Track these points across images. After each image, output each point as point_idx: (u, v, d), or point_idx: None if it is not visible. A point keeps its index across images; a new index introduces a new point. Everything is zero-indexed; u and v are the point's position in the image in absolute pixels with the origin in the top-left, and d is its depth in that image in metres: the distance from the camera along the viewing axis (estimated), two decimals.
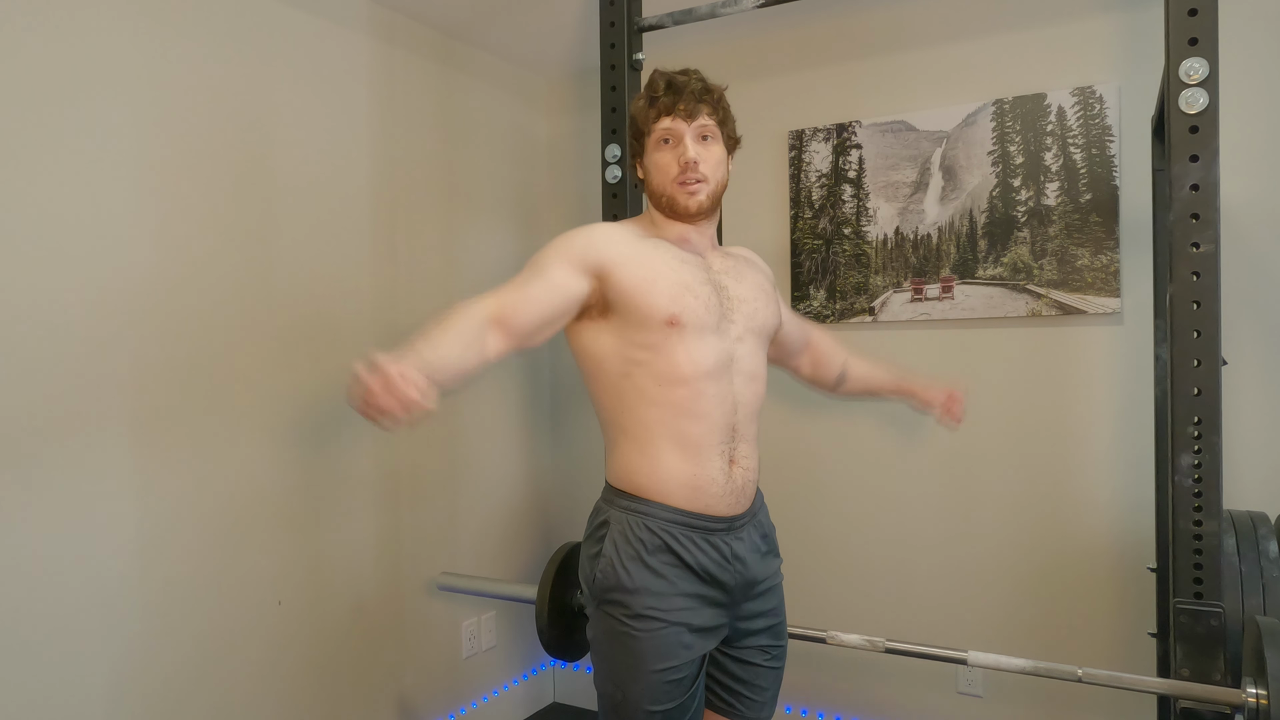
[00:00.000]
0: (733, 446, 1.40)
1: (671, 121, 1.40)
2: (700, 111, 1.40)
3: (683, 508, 1.36)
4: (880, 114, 2.40)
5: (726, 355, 1.40)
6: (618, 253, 1.37)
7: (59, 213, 1.62)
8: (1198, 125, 1.42)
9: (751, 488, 1.44)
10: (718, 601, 1.38)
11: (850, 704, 2.48)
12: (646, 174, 1.45)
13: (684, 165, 1.38)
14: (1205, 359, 1.42)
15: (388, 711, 2.29)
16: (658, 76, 1.43)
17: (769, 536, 1.50)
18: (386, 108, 2.32)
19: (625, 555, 1.34)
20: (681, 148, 1.39)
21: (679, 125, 1.40)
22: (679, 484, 1.36)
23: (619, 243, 1.39)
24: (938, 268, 2.32)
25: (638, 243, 1.40)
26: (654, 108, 1.41)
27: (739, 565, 1.39)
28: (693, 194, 1.40)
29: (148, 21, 1.76)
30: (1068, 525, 2.19)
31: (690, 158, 1.38)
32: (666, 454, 1.36)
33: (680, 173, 1.39)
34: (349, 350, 2.20)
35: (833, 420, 2.49)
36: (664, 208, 1.43)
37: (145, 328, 1.75)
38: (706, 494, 1.37)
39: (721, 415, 1.38)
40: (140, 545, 1.73)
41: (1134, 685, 1.54)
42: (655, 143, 1.42)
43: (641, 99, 1.45)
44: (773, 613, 1.48)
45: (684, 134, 1.39)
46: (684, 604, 1.34)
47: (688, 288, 1.36)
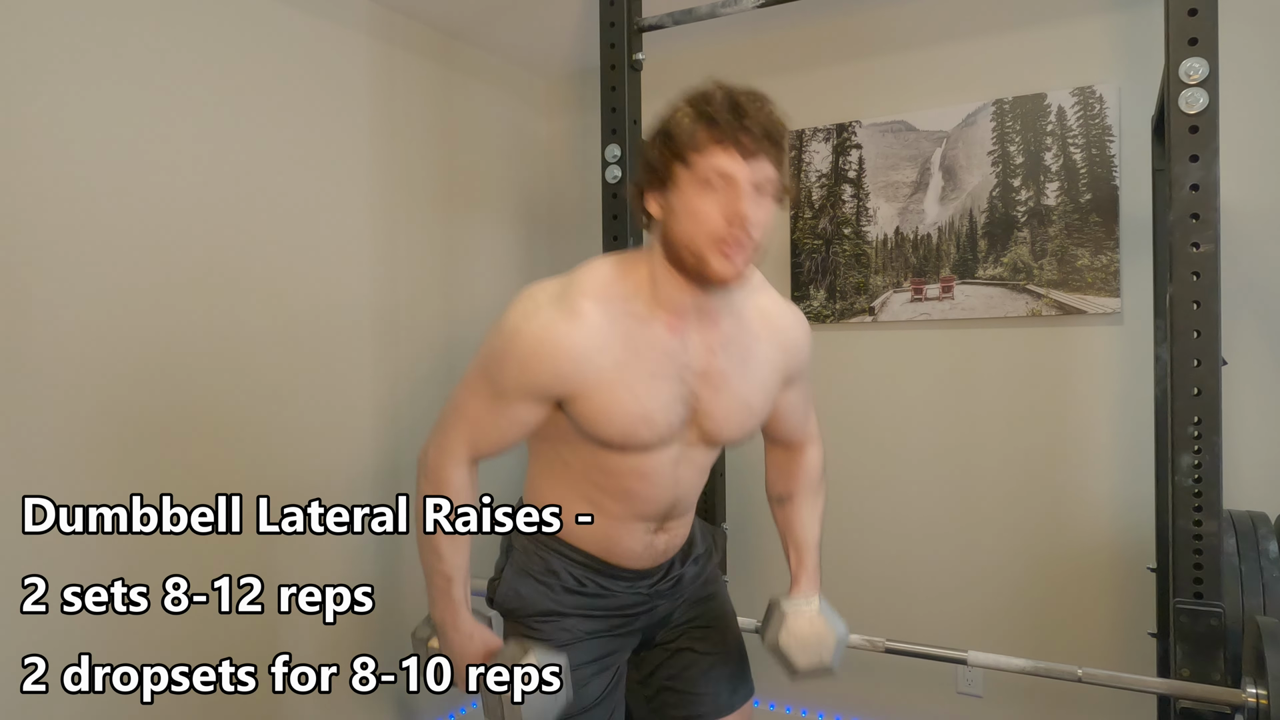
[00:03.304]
0: (663, 523, 1.30)
1: (728, 159, 1.07)
2: (764, 153, 1.09)
3: (590, 553, 1.29)
4: (880, 114, 2.40)
5: (672, 461, 1.24)
6: (581, 380, 1.13)
7: (60, 211, 1.62)
8: (1198, 125, 1.42)
9: (679, 541, 1.35)
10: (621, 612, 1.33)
11: (850, 704, 2.48)
12: (670, 216, 1.12)
13: (733, 221, 1.07)
14: (1205, 359, 1.42)
15: (388, 711, 2.29)
16: (717, 91, 1.11)
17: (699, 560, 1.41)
18: (386, 108, 2.32)
19: (523, 577, 1.30)
20: (733, 196, 1.07)
21: (736, 167, 1.07)
22: (589, 541, 1.29)
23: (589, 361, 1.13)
24: (938, 268, 2.32)
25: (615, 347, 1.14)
26: (710, 131, 1.07)
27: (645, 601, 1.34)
28: (730, 260, 1.09)
29: (148, 21, 1.76)
30: (1068, 525, 2.19)
31: (745, 213, 1.06)
32: (581, 511, 1.27)
33: (726, 230, 1.07)
34: (349, 350, 2.20)
35: (832, 420, 2.49)
36: (685, 267, 1.12)
37: (145, 327, 1.75)
38: (616, 553, 1.29)
39: (653, 508, 1.26)
40: (140, 541, 1.74)
41: (1134, 685, 1.54)
42: (698, 181, 1.08)
43: (687, 113, 1.10)
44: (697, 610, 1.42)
45: (740, 180, 1.07)
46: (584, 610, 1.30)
47: (645, 419, 1.16)
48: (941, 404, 2.34)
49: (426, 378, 2.43)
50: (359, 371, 2.23)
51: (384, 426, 2.30)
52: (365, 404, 2.25)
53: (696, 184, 1.08)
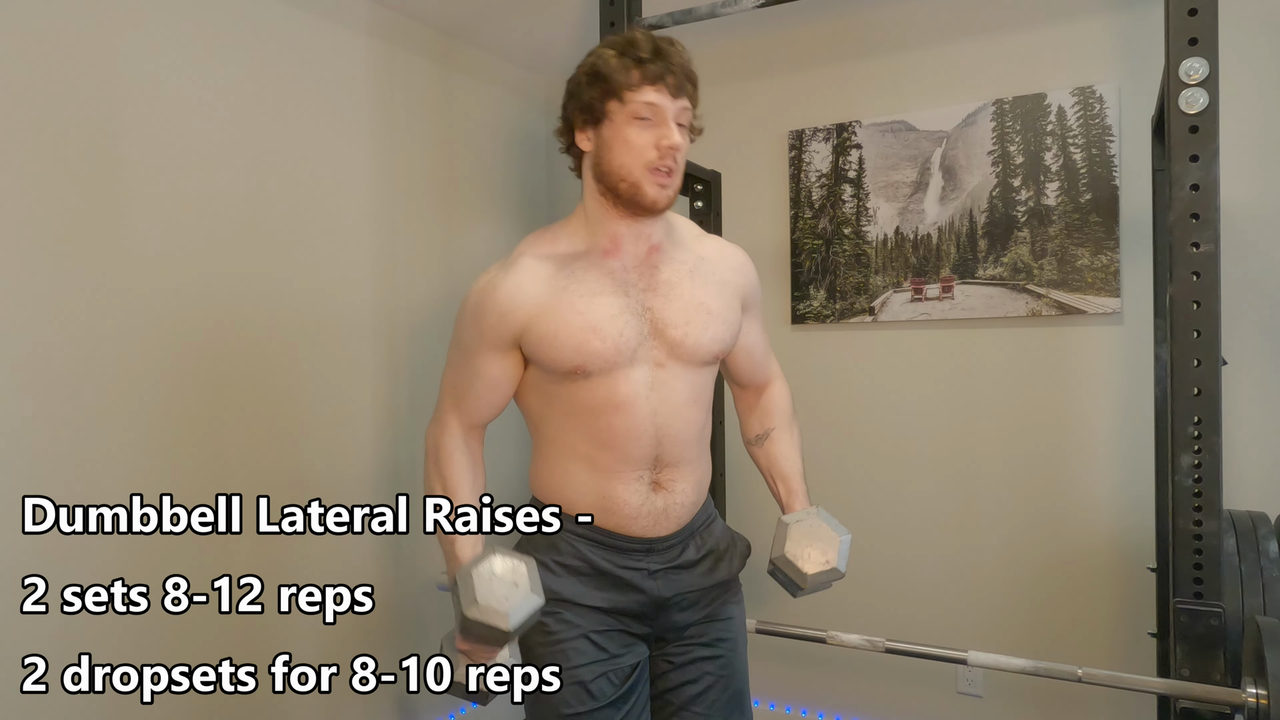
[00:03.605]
0: (656, 472, 1.30)
1: (657, 94, 1.20)
2: (685, 91, 1.23)
3: (598, 524, 1.31)
4: (880, 114, 2.40)
5: (644, 385, 1.27)
6: (525, 313, 1.24)
7: (56, 211, 1.62)
8: (1198, 125, 1.42)
9: (685, 510, 1.34)
10: (635, 611, 1.33)
11: (850, 704, 2.48)
12: (603, 149, 1.23)
13: (662, 150, 1.20)
14: (1205, 359, 1.42)
15: (388, 711, 2.29)
16: (640, 35, 1.22)
17: (720, 552, 1.41)
18: (386, 107, 2.32)
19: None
20: (665, 129, 1.20)
21: (664, 101, 1.21)
22: (589, 503, 1.30)
23: (527, 293, 1.25)
24: (938, 268, 2.32)
25: (551, 278, 1.25)
26: (639, 70, 1.19)
27: (660, 580, 1.33)
28: (664, 186, 1.22)
29: (146, 21, 1.76)
30: (1067, 525, 2.19)
31: (676, 142, 1.20)
32: (576, 473, 1.31)
33: (658, 159, 1.21)
34: (349, 350, 2.20)
35: (832, 420, 2.49)
36: (622, 194, 1.23)
37: (143, 327, 1.75)
38: (618, 515, 1.30)
39: (636, 445, 1.28)
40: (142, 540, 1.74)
41: (1134, 685, 1.54)
42: (629, 115, 1.20)
43: (614, 54, 1.21)
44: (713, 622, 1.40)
45: (668, 114, 1.21)
46: (593, 604, 1.30)
47: (594, 330, 1.23)
48: (941, 404, 2.34)
49: (427, 378, 2.43)
50: (359, 371, 2.23)
51: (384, 426, 2.30)
52: (365, 404, 2.25)
53: (629, 117, 1.21)
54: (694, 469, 1.35)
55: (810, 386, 2.51)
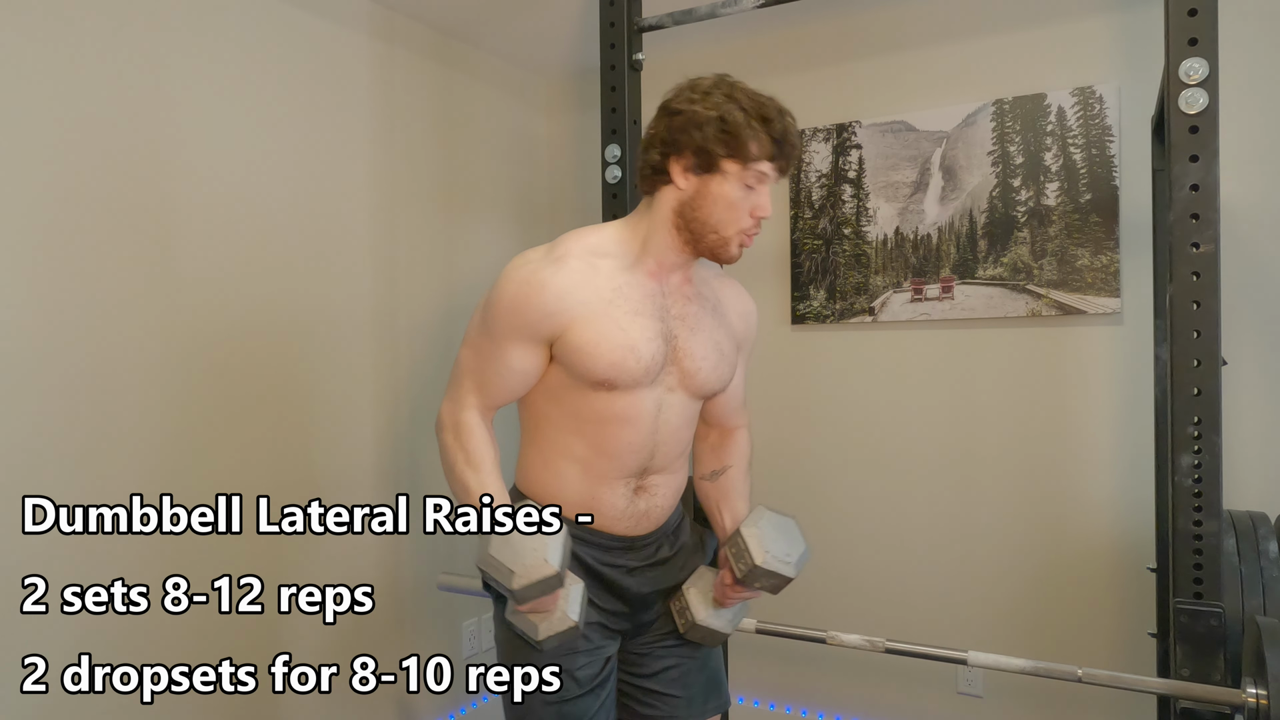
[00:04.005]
0: (641, 479, 1.35)
1: (772, 169, 1.26)
2: (787, 173, 1.31)
3: (581, 522, 1.34)
4: (880, 114, 2.40)
5: (654, 405, 1.31)
6: (570, 316, 1.24)
7: (54, 212, 1.62)
8: (1198, 125, 1.42)
9: (662, 512, 1.39)
10: (614, 608, 1.37)
11: (850, 704, 2.48)
12: (702, 199, 1.25)
13: (757, 220, 1.27)
14: (1205, 359, 1.42)
15: (388, 711, 2.29)
16: (771, 106, 1.26)
17: (688, 547, 1.47)
18: (387, 108, 2.32)
19: None
20: (764, 201, 1.27)
21: (775, 176, 1.28)
22: (576, 502, 1.34)
23: (577, 297, 1.24)
24: (938, 268, 2.32)
25: (600, 286, 1.26)
26: (770, 144, 1.24)
27: (639, 577, 1.38)
28: (743, 247, 1.30)
29: (146, 21, 1.76)
30: (1068, 525, 2.19)
31: (769, 214, 1.28)
32: (568, 473, 1.33)
33: (752, 226, 1.28)
34: (349, 350, 2.21)
35: (831, 420, 2.49)
36: (704, 244, 1.28)
37: (143, 327, 1.75)
38: (603, 515, 1.34)
39: (634, 457, 1.33)
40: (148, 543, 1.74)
41: (1134, 685, 1.54)
42: (741, 180, 1.24)
43: (744, 116, 1.23)
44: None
45: (770, 186, 1.28)
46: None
47: (632, 349, 1.25)
48: (941, 404, 2.34)
49: (427, 378, 2.43)
50: (359, 371, 2.23)
51: (384, 426, 2.30)
52: (365, 404, 2.25)
53: (741, 182, 1.25)
54: (675, 477, 1.41)
55: (810, 387, 2.51)
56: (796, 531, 1.37)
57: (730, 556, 1.35)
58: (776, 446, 2.53)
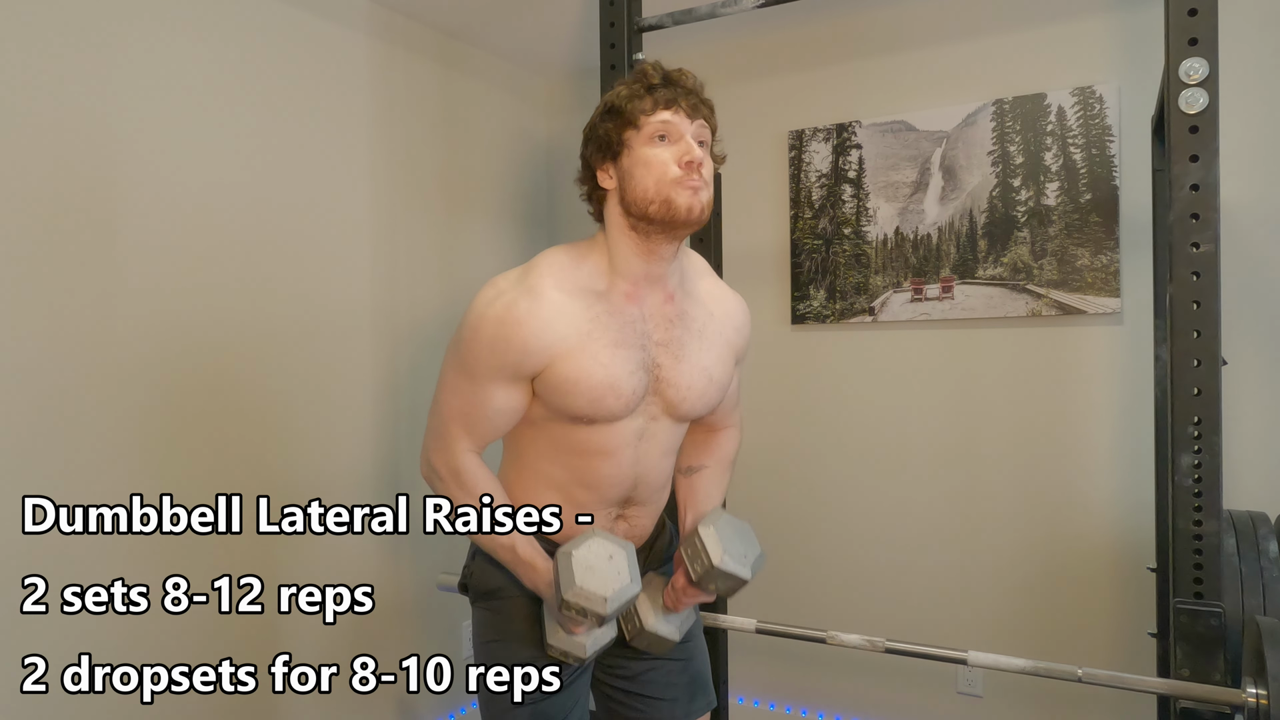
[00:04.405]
0: (623, 509, 1.34)
1: (673, 115, 1.20)
2: (700, 114, 1.23)
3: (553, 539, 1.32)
4: (880, 114, 2.40)
5: (634, 435, 1.28)
6: (551, 354, 1.19)
7: (53, 211, 1.62)
8: (1198, 125, 1.42)
9: (643, 533, 1.38)
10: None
11: (850, 704, 2.48)
12: (625, 179, 1.22)
13: (687, 164, 1.18)
14: (1205, 359, 1.42)
15: (388, 711, 2.29)
16: (650, 67, 1.24)
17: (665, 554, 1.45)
18: (387, 108, 2.32)
19: (493, 564, 1.33)
20: (684, 144, 1.19)
21: (680, 121, 1.20)
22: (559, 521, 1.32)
23: (556, 332, 1.19)
24: (938, 268, 2.32)
25: (577, 318, 1.21)
26: (651, 97, 1.20)
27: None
28: (695, 191, 1.18)
29: (147, 21, 1.76)
30: (1068, 525, 2.19)
31: (697, 155, 1.18)
32: (547, 496, 1.31)
33: (684, 174, 1.18)
34: (349, 350, 2.21)
35: (831, 420, 2.49)
36: (653, 215, 1.19)
37: (144, 326, 1.75)
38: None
39: (614, 489, 1.30)
40: (152, 541, 1.74)
41: (1134, 685, 1.54)
42: (648, 138, 1.20)
43: (627, 88, 1.23)
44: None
45: (685, 131, 1.20)
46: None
47: (612, 387, 1.21)
48: (941, 404, 2.34)
49: (426, 378, 2.43)
50: (359, 371, 2.23)
51: (384, 426, 2.30)
52: (365, 404, 2.25)
53: (647, 141, 1.20)
54: (656, 506, 1.40)
55: (810, 387, 2.51)
56: (752, 535, 1.35)
57: (686, 557, 1.31)
58: (777, 446, 2.54)
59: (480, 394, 1.23)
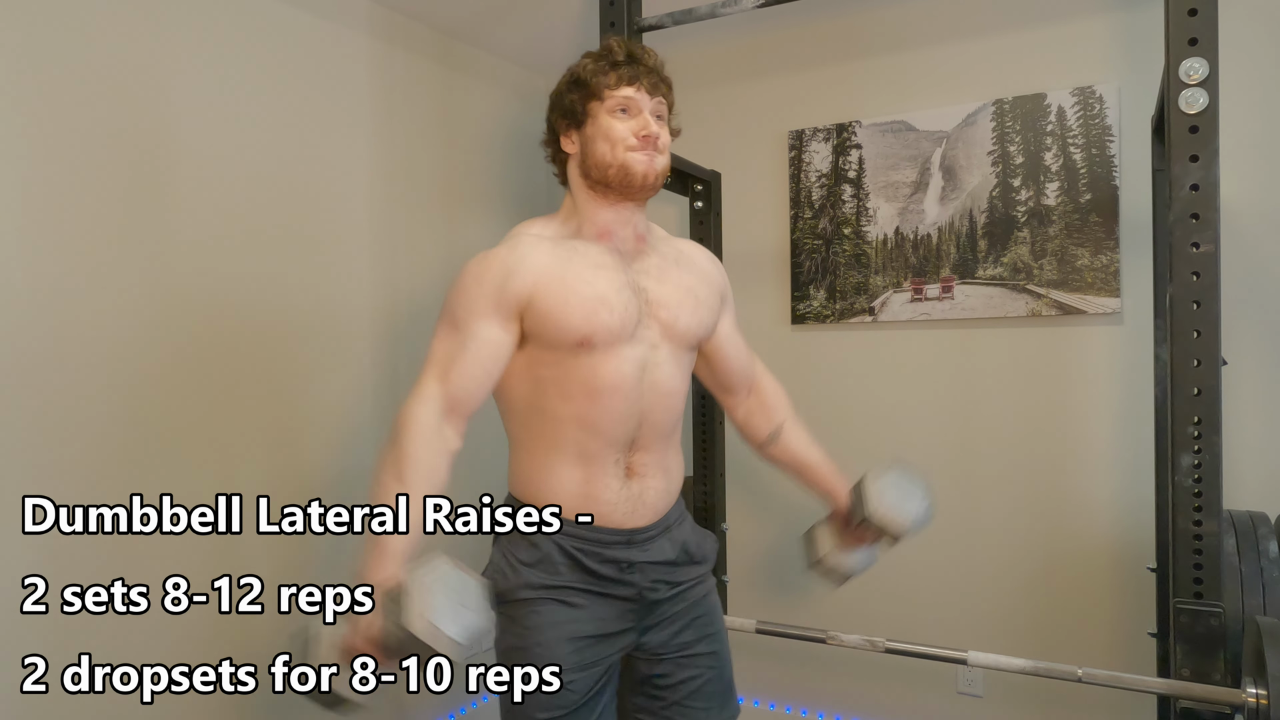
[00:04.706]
0: (629, 456, 1.34)
1: (634, 91, 1.30)
2: (659, 91, 1.33)
3: (575, 518, 1.32)
4: (880, 114, 2.40)
5: (639, 365, 1.31)
6: (534, 279, 1.27)
7: (52, 210, 1.62)
8: (1198, 125, 1.42)
9: (659, 500, 1.38)
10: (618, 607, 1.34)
11: (850, 704, 2.48)
12: (586, 145, 1.33)
13: (644, 137, 1.29)
14: (1205, 359, 1.42)
15: (388, 712, 2.29)
16: (614, 42, 1.34)
17: (689, 548, 1.42)
18: (387, 108, 2.32)
19: (513, 560, 1.33)
20: (643, 119, 1.30)
21: (640, 97, 1.31)
22: (571, 493, 1.32)
23: (535, 261, 1.28)
24: (938, 268, 2.32)
25: (554, 251, 1.30)
26: (615, 73, 1.30)
27: (637, 574, 1.34)
28: (650, 157, 1.30)
29: (147, 21, 1.76)
30: (1068, 525, 2.19)
31: (653, 130, 1.30)
32: (560, 466, 1.32)
33: (638, 144, 1.29)
34: (349, 349, 2.20)
35: (831, 420, 2.49)
36: (611, 181, 1.30)
37: (144, 326, 1.75)
38: (599, 501, 1.32)
39: (621, 426, 1.31)
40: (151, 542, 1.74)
41: (1134, 685, 1.54)
42: (609, 109, 1.30)
43: (591, 61, 1.33)
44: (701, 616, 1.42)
45: (644, 107, 1.31)
46: (572, 600, 1.30)
47: (603, 301, 1.28)
48: (941, 404, 2.34)
49: None
50: (359, 371, 2.23)
51: (384, 426, 2.29)
52: (365, 404, 2.25)
53: (609, 113, 1.30)
54: (663, 458, 1.39)
55: (810, 387, 2.51)
56: (919, 489, 1.46)
57: (850, 504, 1.47)
58: None
59: (465, 334, 1.27)
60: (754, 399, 1.57)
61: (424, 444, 1.24)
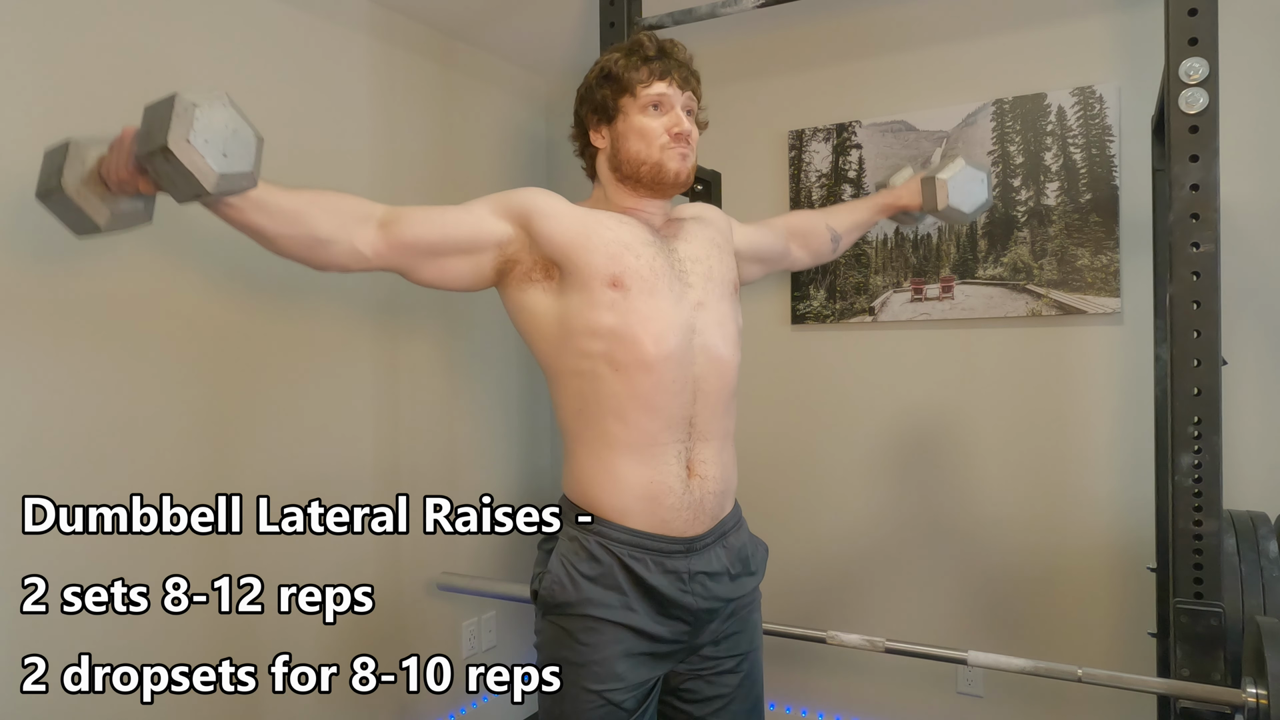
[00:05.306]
0: (689, 448, 1.29)
1: (666, 87, 1.30)
2: (690, 86, 1.33)
3: (638, 528, 1.26)
4: (880, 114, 2.40)
5: (687, 327, 1.28)
6: (546, 205, 1.28)
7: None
8: (1198, 125, 1.42)
9: (715, 505, 1.32)
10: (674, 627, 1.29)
11: (850, 704, 2.48)
12: (618, 141, 1.32)
13: (676, 135, 1.29)
14: (1205, 359, 1.42)
15: (388, 711, 2.29)
16: (645, 38, 1.33)
17: (745, 558, 1.37)
18: (387, 108, 2.32)
19: (573, 572, 1.25)
20: (675, 115, 1.30)
21: (673, 93, 1.30)
22: (635, 495, 1.26)
23: (551, 199, 1.30)
24: (938, 268, 2.32)
25: (575, 207, 1.31)
26: (647, 67, 1.29)
27: (697, 587, 1.29)
28: (684, 156, 1.30)
29: (146, 20, 1.76)
30: (1068, 525, 2.19)
31: (686, 128, 1.30)
32: (621, 459, 1.25)
33: (672, 142, 1.29)
34: (349, 349, 2.21)
35: (831, 420, 2.49)
36: (644, 178, 1.30)
37: (144, 325, 1.75)
38: (663, 505, 1.26)
39: (678, 405, 1.26)
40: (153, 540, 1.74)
41: (1134, 685, 1.54)
42: (643, 106, 1.30)
43: (622, 55, 1.32)
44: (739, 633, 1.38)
45: (676, 102, 1.31)
46: (632, 622, 1.25)
47: (627, 246, 1.27)
48: (941, 404, 2.34)
49: (427, 378, 2.43)
50: (359, 371, 2.23)
51: (384, 426, 2.30)
52: (365, 404, 2.25)
53: (641, 109, 1.30)
54: (721, 448, 1.33)
55: (810, 387, 2.51)
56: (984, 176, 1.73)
57: (924, 198, 1.72)
58: (777, 445, 2.53)
59: (460, 208, 1.28)
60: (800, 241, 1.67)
61: (327, 194, 1.24)
